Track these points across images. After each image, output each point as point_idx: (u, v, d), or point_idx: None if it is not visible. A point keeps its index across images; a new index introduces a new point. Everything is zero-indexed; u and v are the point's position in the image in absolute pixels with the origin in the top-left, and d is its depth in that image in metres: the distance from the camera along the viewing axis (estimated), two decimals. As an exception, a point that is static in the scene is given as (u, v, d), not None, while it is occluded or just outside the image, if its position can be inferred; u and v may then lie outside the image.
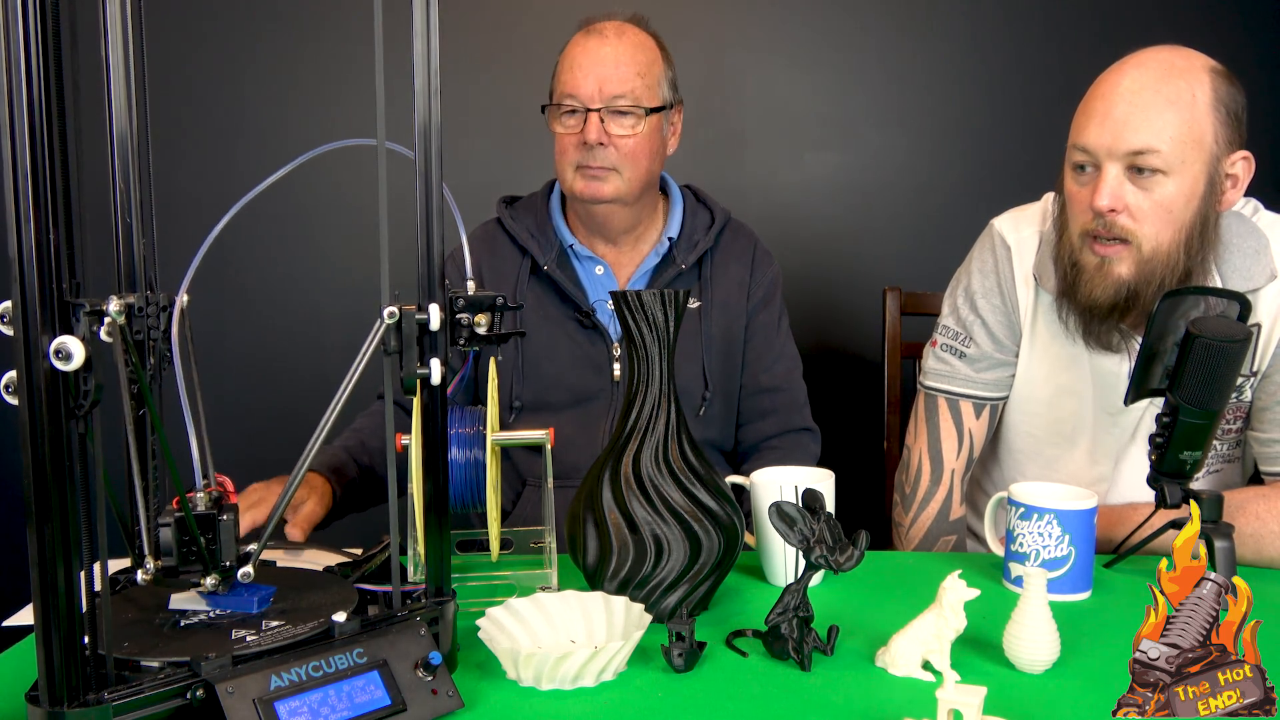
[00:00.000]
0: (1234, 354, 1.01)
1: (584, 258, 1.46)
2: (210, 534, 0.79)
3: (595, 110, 1.36)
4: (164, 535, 0.78)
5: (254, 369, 2.15)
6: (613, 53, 1.37)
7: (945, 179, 2.21)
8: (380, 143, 0.77)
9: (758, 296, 1.50)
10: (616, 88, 1.36)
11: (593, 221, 1.44)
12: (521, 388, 1.43)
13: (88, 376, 0.63)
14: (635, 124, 1.37)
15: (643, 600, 0.93)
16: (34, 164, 0.60)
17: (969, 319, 1.36)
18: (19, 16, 0.59)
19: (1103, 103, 1.16)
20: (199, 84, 2.09)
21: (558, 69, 1.41)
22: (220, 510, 0.79)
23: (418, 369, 0.79)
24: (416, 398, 0.82)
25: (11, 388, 0.64)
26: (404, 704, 0.75)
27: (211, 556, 0.79)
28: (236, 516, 0.80)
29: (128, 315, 0.82)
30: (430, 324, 0.78)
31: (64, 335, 0.62)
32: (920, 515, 1.37)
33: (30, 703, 0.66)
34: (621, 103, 1.36)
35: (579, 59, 1.37)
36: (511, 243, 1.46)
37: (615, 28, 1.40)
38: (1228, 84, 1.16)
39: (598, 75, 1.35)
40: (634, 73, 1.37)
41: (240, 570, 0.79)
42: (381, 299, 0.76)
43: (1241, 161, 1.18)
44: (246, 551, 0.82)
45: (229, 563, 0.80)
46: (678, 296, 0.94)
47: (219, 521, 0.79)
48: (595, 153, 1.36)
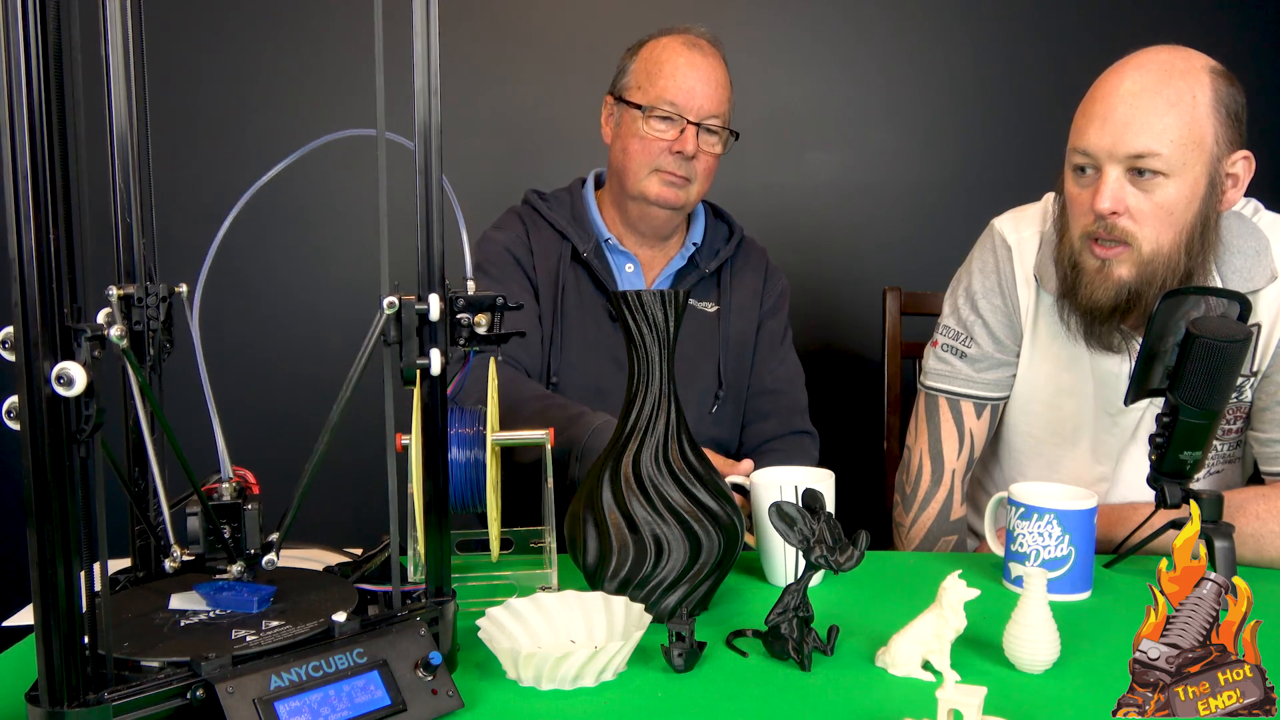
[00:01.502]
0: (1234, 354, 1.01)
1: (617, 252, 1.51)
2: (236, 523, 0.82)
3: (692, 124, 1.41)
4: (191, 525, 0.80)
5: (252, 366, 2.15)
6: (712, 72, 1.43)
7: (945, 179, 2.21)
8: (380, 133, 0.77)
9: (769, 305, 1.58)
10: (715, 107, 1.43)
11: (643, 222, 1.50)
12: (559, 363, 1.47)
13: (89, 401, 0.64)
14: (718, 143, 1.46)
15: (643, 600, 0.93)
16: (34, 182, 0.60)
17: (970, 319, 1.36)
18: (19, 16, 0.59)
19: (1103, 105, 1.16)
20: (198, 84, 2.09)
21: (649, 70, 1.44)
22: (245, 500, 0.82)
23: (417, 359, 0.79)
24: (416, 388, 0.82)
25: (13, 413, 0.64)
26: (404, 704, 0.75)
27: (237, 545, 0.81)
28: (260, 506, 0.82)
29: (126, 311, 0.82)
30: (430, 314, 0.79)
31: (66, 361, 0.62)
32: (921, 515, 1.37)
33: (30, 703, 0.66)
34: (714, 122, 1.43)
35: (684, 70, 1.42)
36: (550, 227, 1.51)
37: (710, 47, 1.46)
38: (1227, 84, 1.16)
39: (703, 92, 1.42)
40: (726, 96, 1.45)
41: (264, 559, 0.81)
42: (381, 289, 0.77)
43: (1242, 161, 1.18)
44: (269, 540, 0.82)
45: (253, 550, 0.82)
46: (677, 296, 0.94)
47: (244, 511, 0.82)
48: (685, 164, 1.43)
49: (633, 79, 1.45)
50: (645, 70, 1.44)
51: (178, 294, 0.85)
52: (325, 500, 2.02)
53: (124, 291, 0.82)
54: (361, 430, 1.42)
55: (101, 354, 0.65)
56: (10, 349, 0.63)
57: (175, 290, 0.85)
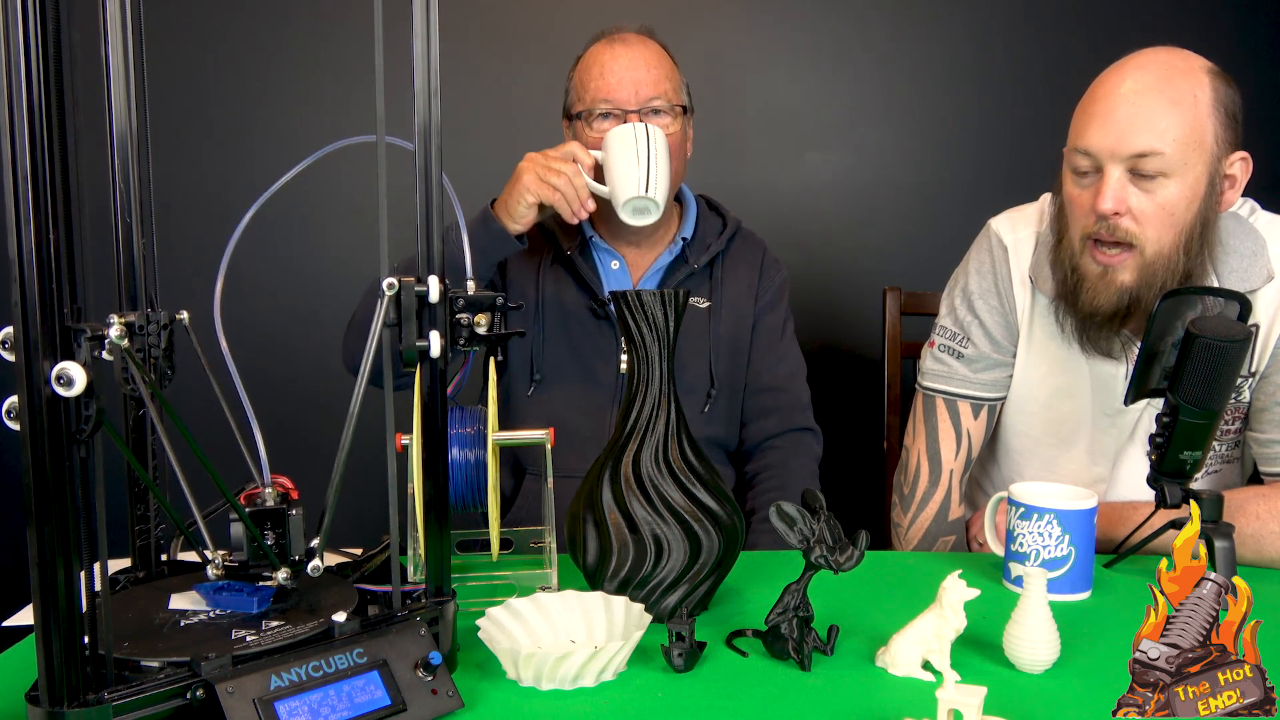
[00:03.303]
0: (1234, 354, 1.01)
1: (602, 250, 1.51)
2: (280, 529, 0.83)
3: (634, 112, 1.39)
4: (235, 530, 0.81)
5: (254, 368, 2.14)
6: (641, 57, 1.42)
7: (945, 179, 2.21)
8: (380, 138, 0.77)
9: (765, 300, 1.55)
10: (652, 89, 1.40)
11: (622, 227, 1.47)
12: (543, 360, 1.47)
13: (89, 402, 0.64)
14: (671, 123, 1.42)
15: (643, 600, 0.93)
16: (34, 182, 0.60)
17: (966, 320, 1.36)
18: (19, 17, 0.59)
19: (1104, 105, 1.15)
20: (199, 84, 2.09)
21: (581, 78, 1.44)
22: (288, 505, 0.83)
23: (417, 341, 0.79)
24: (417, 372, 0.82)
25: (13, 413, 0.64)
26: (404, 704, 0.75)
27: (282, 551, 0.82)
28: (303, 512, 0.83)
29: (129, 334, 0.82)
30: (429, 296, 0.79)
31: (65, 361, 0.62)
32: (919, 516, 1.37)
33: (30, 703, 0.66)
34: (658, 103, 1.41)
35: (609, 65, 1.41)
36: (538, 228, 1.51)
37: (635, 36, 1.45)
38: (1225, 85, 1.16)
39: (632, 78, 1.40)
40: (663, 75, 1.42)
41: (310, 565, 0.81)
42: (381, 271, 0.77)
43: (1239, 162, 1.18)
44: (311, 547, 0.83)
45: (298, 556, 0.83)
46: (677, 296, 0.94)
47: (288, 516, 0.83)
48: None
49: (573, 95, 1.46)
50: (579, 82, 1.45)
51: (179, 321, 0.86)
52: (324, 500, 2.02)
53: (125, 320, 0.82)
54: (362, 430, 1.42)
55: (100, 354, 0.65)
56: (10, 349, 0.63)
57: (176, 317, 0.86)
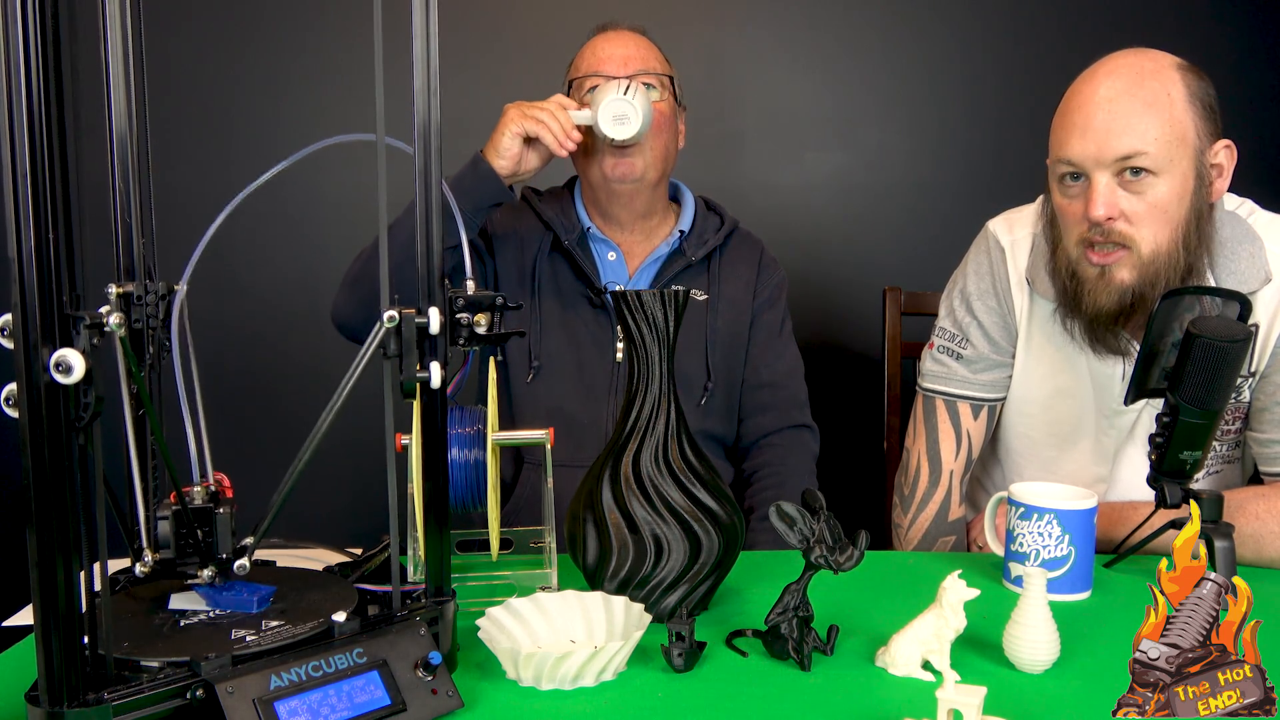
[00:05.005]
0: (1234, 354, 1.01)
1: (599, 241, 1.52)
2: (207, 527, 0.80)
3: None
4: (162, 528, 0.79)
5: (250, 367, 2.15)
6: (631, 39, 1.47)
7: (945, 179, 2.21)
8: (380, 139, 0.77)
9: (763, 296, 1.56)
10: (640, 64, 1.44)
11: (615, 205, 1.50)
12: (541, 349, 1.49)
13: (88, 389, 0.64)
14: (661, 94, 1.45)
15: (643, 600, 0.93)
16: (34, 171, 0.60)
17: (965, 321, 1.36)
18: (19, 17, 0.59)
19: (1081, 114, 1.16)
20: (199, 83, 2.09)
21: (575, 64, 1.48)
22: (217, 504, 0.80)
23: (417, 372, 0.79)
24: (416, 401, 0.82)
25: (12, 400, 0.64)
26: (404, 704, 0.75)
27: (208, 549, 0.80)
28: (232, 511, 0.81)
29: (126, 309, 0.82)
30: (430, 327, 0.78)
31: (64, 348, 0.62)
32: (919, 516, 1.37)
33: (30, 703, 0.66)
34: (646, 77, 1.44)
35: (600, 45, 1.46)
36: (537, 219, 1.53)
37: (625, 26, 1.50)
38: (1196, 78, 1.17)
39: (621, 53, 1.44)
40: (653, 56, 1.47)
41: (236, 563, 0.80)
42: (382, 296, 0.76)
43: (1224, 151, 1.19)
44: (243, 545, 0.82)
45: (225, 555, 0.81)
46: (677, 296, 0.94)
47: (215, 515, 0.80)
48: None
49: (567, 83, 1.50)
50: (573, 68, 1.49)
51: (176, 292, 0.85)
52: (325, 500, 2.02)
53: (123, 289, 0.82)
54: (362, 430, 1.42)
55: (100, 341, 0.65)
56: (9, 336, 0.63)
57: (174, 288, 0.85)
